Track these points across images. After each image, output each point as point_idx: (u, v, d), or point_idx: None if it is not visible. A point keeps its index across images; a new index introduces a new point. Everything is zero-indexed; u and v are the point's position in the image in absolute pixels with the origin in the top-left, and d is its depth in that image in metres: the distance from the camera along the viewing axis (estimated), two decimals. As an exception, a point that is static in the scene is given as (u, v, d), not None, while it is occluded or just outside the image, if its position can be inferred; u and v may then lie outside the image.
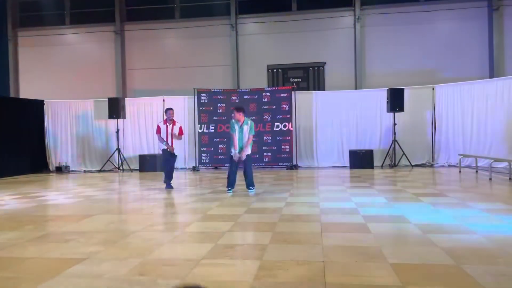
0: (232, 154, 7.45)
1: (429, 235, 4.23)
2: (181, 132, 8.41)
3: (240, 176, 7.92)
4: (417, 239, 4.17)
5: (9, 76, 16.29)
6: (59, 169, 13.43)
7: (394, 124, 12.14)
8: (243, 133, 7.37)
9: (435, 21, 14.49)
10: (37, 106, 13.88)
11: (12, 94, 15.92)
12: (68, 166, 13.58)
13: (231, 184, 7.57)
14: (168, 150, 8.25)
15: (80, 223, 5.24)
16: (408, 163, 12.21)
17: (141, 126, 13.76)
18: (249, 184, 7.55)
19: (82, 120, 13.98)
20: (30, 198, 7.62)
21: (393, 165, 12.16)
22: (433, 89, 12.65)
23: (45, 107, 14.05)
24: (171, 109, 8.44)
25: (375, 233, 4.37)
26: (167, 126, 8.26)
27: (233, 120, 7.43)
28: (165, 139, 8.21)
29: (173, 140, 8.28)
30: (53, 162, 13.91)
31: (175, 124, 8.32)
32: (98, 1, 16.56)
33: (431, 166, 12.33)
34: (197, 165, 12.88)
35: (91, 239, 4.40)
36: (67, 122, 14.03)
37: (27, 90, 16.18)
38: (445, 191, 7.27)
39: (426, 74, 14.13)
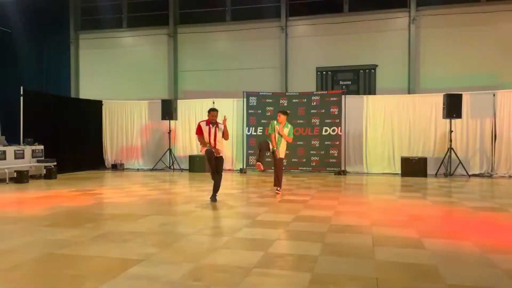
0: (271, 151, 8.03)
1: (489, 255, 4.02)
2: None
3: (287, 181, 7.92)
4: (476, 258, 3.98)
5: (71, 77, 17.32)
6: (115, 167, 14.12)
7: (451, 131, 11.60)
8: (281, 135, 7.98)
9: (497, 23, 13.65)
10: (96, 106, 14.69)
11: (73, 95, 16.90)
12: (123, 164, 14.25)
13: (260, 157, 8.01)
14: (213, 151, 7.11)
15: (136, 223, 5.49)
16: (464, 173, 11.62)
17: (192, 127, 14.10)
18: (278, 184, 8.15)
19: (137, 120, 14.63)
20: (89, 195, 8.08)
21: (448, 174, 11.62)
22: (494, 95, 11.95)
23: (103, 107, 14.84)
24: (214, 110, 7.24)
25: (431, 249, 4.22)
26: (209, 128, 7.13)
27: (275, 122, 8.03)
28: (207, 141, 7.13)
29: (217, 142, 7.18)
30: (109, 160, 14.67)
31: (218, 126, 7.19)
32: (153, 5, 17.20)
33: (490, 176, 11.65)
34: (244, 167, 13.03)
35: (147, 240, 4.60)
36: (123, 121, 14.74)
37: (86, 90, 17.13)
38: (506, 206, 6.85)
39: (486, 79, 13.35)
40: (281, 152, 8.05)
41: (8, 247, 4.31)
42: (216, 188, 7.29)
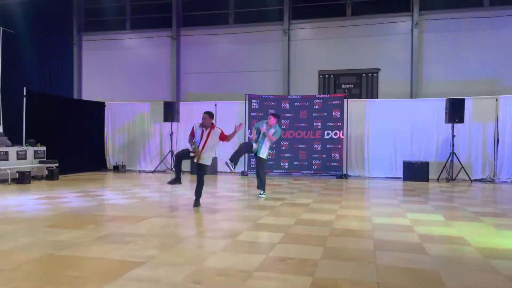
0: (249, 138, 8.01)
1: (491, 261, 4.01)
2: (223, 137, 7.00)
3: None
4: (478, 264, 3.97)
5: (73, 78, 17.36)
6: (116, 168, 14.13)
7: (453, 136, 11.58)
8: (266, 137, 7.84)
9: (501, 27, 13.64)
10: (98, 108, 14.72)
11: (75, 96, 16.94)
12: (125, 165, 14.26)
13: (234, 156, 7.82)
14: (192, 154, 6.84)
15: (137, 225, 5.49)
16: (466, 178, 11.60)
17: (194, 129, 14.13)
18: (260, 187, 8.06)
19: (139, 122, 14.66)
20: (91, 196, 8.08)
21: (450, 179, 11.60)
22: (496, 99, 11.93)
23: (106, 108, 14.87)
24: (205, 112, 6.87)
25: (432, 255, 4.20)
26: (202, 131, 6.84)
27: (265, 122, 8.02)
28: (196, 145, 6.81)
29: (205, 149, 6.82)
30: (111, 161, 14.68)
31: (213, 129, 6.87)
32: (156, 7, 17.26)
33: (492, 181, 11.62)
34: (246, 170, 13.03)
35: (148, 242, 4.59)
36: (125, 123, 14.76)
37: (89, 91, 17.17)
38: (509, 211, 6.83)
39: (489, 84, 13.34)
40: (263, 152, 7.86)
41: (10, 248, 4.32)
42: (197, 194, 6.98)
